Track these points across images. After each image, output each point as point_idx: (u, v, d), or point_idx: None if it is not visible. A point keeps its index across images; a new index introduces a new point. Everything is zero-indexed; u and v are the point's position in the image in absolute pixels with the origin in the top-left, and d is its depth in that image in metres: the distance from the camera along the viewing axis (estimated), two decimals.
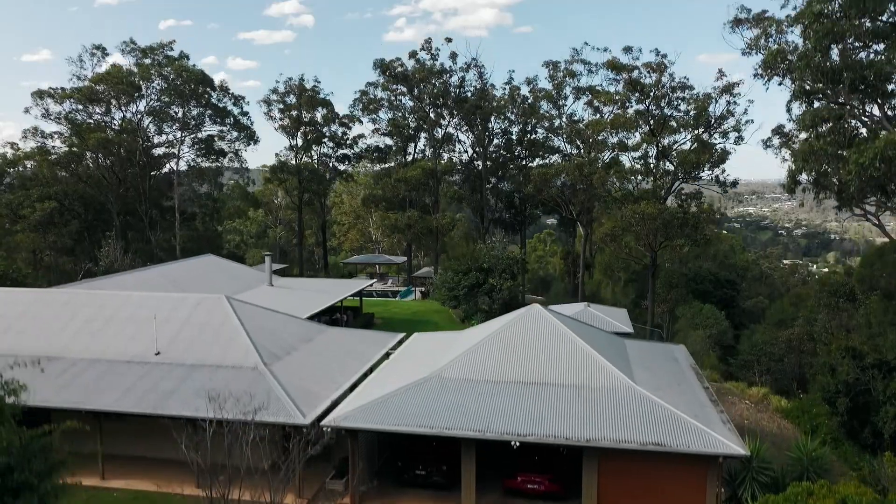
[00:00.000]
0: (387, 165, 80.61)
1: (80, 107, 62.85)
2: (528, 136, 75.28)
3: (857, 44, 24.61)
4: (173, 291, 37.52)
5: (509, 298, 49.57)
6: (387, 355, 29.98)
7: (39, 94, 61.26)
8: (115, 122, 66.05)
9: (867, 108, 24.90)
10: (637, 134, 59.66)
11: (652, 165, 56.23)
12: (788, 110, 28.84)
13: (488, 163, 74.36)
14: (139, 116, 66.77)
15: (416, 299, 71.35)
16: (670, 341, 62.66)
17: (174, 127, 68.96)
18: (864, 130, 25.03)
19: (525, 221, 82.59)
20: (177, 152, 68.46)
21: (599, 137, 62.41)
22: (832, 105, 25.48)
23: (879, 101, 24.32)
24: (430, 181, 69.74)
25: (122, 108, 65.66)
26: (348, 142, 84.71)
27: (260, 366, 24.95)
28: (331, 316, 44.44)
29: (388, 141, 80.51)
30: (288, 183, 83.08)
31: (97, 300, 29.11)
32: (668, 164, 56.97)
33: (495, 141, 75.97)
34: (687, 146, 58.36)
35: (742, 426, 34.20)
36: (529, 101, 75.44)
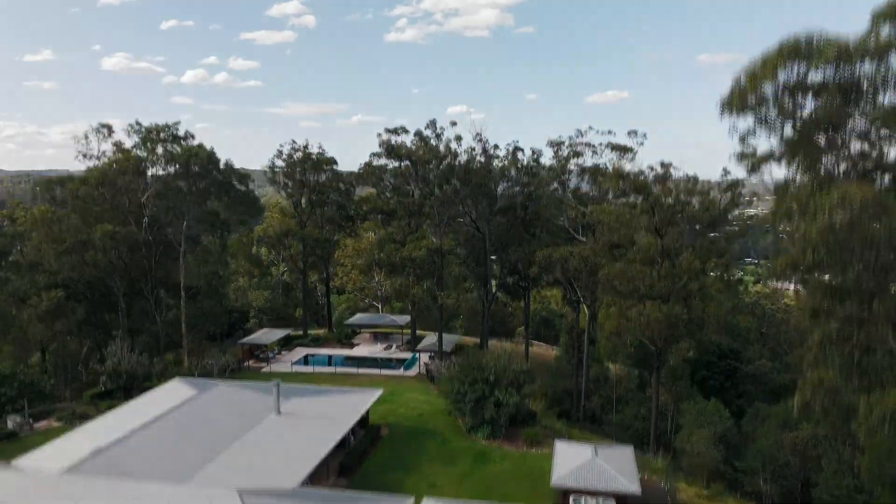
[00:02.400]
0: (391, 229, 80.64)
1: (88, 191, 62.99)
2: (532, 203, 75.26)
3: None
4: (182, 442, 37.82)
5: (515, 412, 49.76)
6: None
7: (48, 185, 61.42)
8: (124, 202, 66.20)
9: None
10: (642, 228, 59.76)
11: (657, 265, 56.24)
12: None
13: (492, 234, 74.50)
14: (145, 196, 66.83)
15: (420, 374, 71.56)
16: (674, 435, 63.15)
17: (179, 201, 68.93)
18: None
19: (529, 287, 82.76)
20: (182, 229, 68.41)
21: (605, 221, 62.53)
22: (845, 319, 25.57)
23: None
24: (435, 258, 69.77)
25: (128, 190, 65.76)
26: (353, 206, 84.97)
27: None
28: None
29: (393, 202, 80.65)
30: (292, 248, 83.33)
31: (107, 489, 29.32)
32: (672, 260, 56.99)
33: (498, 210, 76.04)
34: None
35: None
36: (533, 169, 75.65)
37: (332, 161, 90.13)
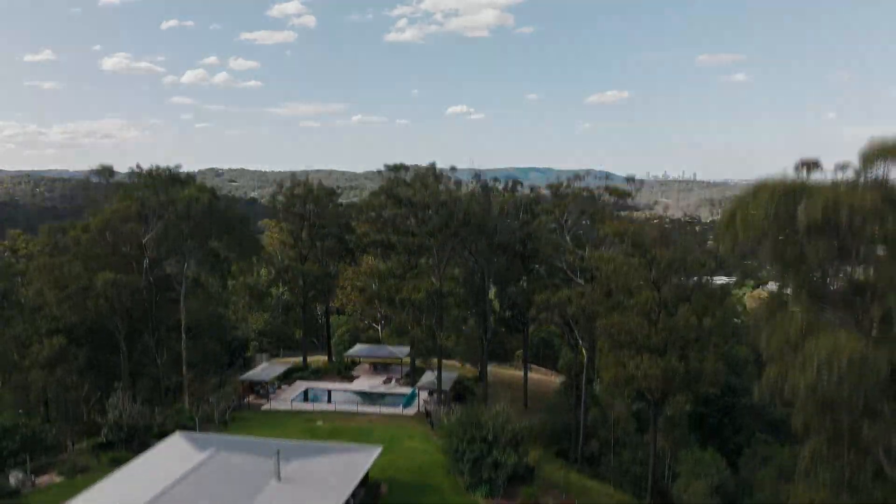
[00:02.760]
0: (391, 263, 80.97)
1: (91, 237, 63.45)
2: (530, 241, 75.59)
3: None
4: None
5: (513, 472, 50.23)
6: None
7: (50, 230, 61.89)
8: (126, 245, 66.64)
9: None
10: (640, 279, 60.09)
11: (654, 316, 56.65)
12: None
13: (491, 270, 74.96)
14: (146, 238, 67.24)
15: (419, 412, 72.09)
16: (672, 482, 63.74)
17: (180, 243, 69.29)
18: None
19: (527, 323, 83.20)
20: (184, 270, 68.81)
21: (602, 269, 62.89)
22: (835, 436, 25.88)
23: None
24: (434, 299, 70.22)
25: (131, 234, 66.18)
26: (353, 239, 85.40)
27: None
28: None
29: (393, 238, 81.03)
30: (291, 284, 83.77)
31: None
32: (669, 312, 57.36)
33: (497, 246, 76.48)
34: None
35: None
36: (532, 207, 76.14)
37: (332, 192, 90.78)
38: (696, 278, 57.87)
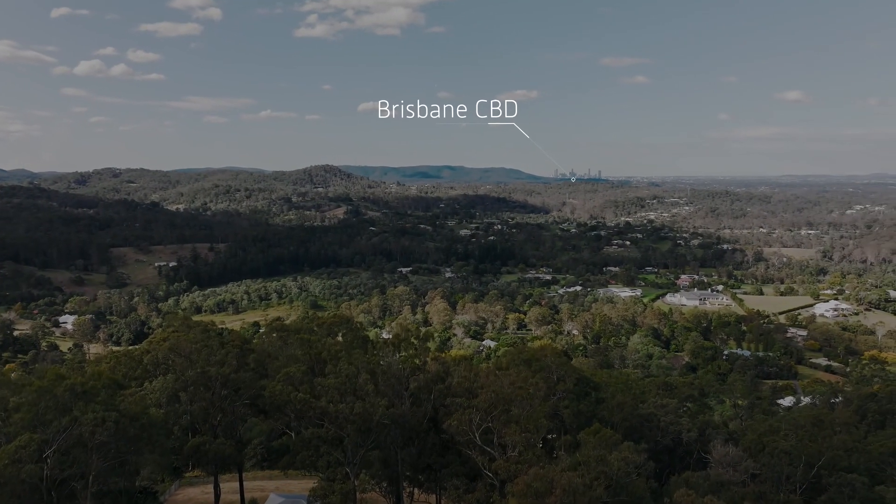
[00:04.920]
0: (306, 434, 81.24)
1: None
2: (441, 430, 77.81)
3: None
4: None
5: None
6: None
7: None
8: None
9: None
10: None
11: None
12: None
13: (405, 459, 77.02)
14: (46, 453, 64.65)
15: None
16: None
17: (84, 460, 66.90)
18: None
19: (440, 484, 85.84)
20: (89, 483, 66.60)
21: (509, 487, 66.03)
22: None
23: None
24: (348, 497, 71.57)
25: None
26: (265, 400, 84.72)
27: None
28: None
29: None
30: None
31: None
32: None
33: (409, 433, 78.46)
34: None
35: None
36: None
37: (246, 340, 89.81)
38: None
